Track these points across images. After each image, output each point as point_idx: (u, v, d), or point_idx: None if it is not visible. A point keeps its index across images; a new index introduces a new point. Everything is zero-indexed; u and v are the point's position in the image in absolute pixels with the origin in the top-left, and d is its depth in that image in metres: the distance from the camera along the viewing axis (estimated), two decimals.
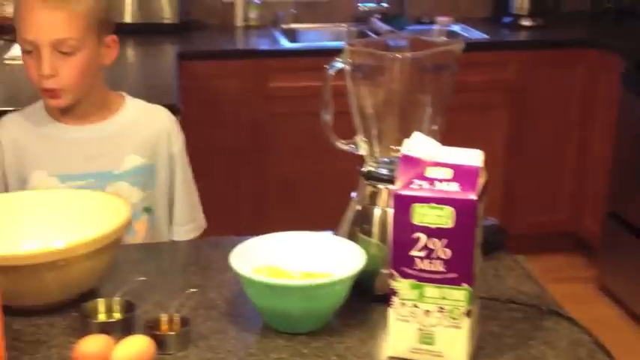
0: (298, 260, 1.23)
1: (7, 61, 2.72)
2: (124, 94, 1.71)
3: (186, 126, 1.83)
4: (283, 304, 1.12)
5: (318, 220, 2.78)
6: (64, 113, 1.62)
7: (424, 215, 1.03)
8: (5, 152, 1.63)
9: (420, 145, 1.11)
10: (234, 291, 1.27)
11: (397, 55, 1.22)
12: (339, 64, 1.27)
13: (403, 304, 1.06)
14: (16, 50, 2.80)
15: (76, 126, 1.63)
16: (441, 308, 1.04)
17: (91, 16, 1.54)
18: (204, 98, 3.02)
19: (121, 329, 1.12)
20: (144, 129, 1.67)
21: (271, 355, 1.10)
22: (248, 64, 3.07)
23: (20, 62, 2.62)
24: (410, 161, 1.08)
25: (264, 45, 3.26)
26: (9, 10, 3.00)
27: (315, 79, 2.99)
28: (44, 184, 1.59)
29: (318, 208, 3.12)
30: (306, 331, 1.15)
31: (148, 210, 1.66)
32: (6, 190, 1.63)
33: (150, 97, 2.46)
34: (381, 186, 1.25)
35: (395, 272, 1.06)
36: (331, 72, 1.29)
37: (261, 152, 3.12)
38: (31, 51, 1.53)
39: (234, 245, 1.48)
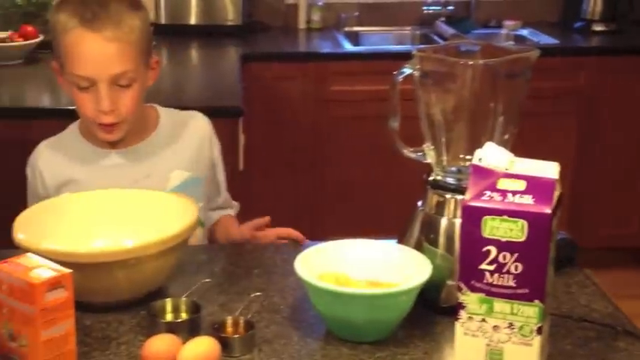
0: (363, 268, 1.22)
1: None
2: (155, 106, 1.64)
3: (247, 127, 1.84)
4: (348, 312, 1.12)
5: (375, 225, 2.78)
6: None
7: (495, 228, 1.01)
8: (46, 181, 1.57)
9: (491, 155, 1.09)
10: (297, 296, 1.28)
11: (469, 61, 1.21)
12: (407, 70, 1.26)
13: (471, 318, 1.05)
14: None
15: (117, 150, 1.57)
16: (511, 324, 1.03)
17: (141, 43, 1.48)
18: (266, 100, 3.04)
19: (188, 329, 1.14)
20: (183, 141, 1.61)
21: None
22: (310, 66, 3.08)
23: None
24: (481, 172, 1.06)
25: (326, 48, 3.26)
26: None
27: (377, 83, 3.02)
28: None
29: (375, 213, 3.12)
30: (370, 340, 1.14)
31: (201, 223, 1.57)
32: None
33: (213, 98, 2.52)
34: (448, 195, 1.24)
35: (463, 285, 1.04)
36: (399, 78, 1.28)
37: (320, 155, 3.13)
38: (85, 87, 1.46)
39: (296, 250, 1.49)
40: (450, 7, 3.56)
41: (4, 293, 1.08)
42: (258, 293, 1.26)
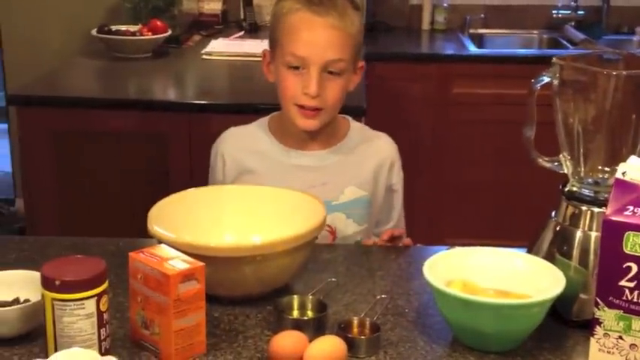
0: (491, 277, 1.20)
1: (204, 56, 2.86)
2: (348, 118, 1.67)
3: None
4: (477, 321, 1.10)
5: (493, 232, 2.72)
6: (293, 134, 1.58)
7: (638, 245, 0.97)
8: (227, 168, 1.61)
9: (636, 169, 1.04)
10: (423, 300, 1.27)
11: (613, 72, 1.16)
12: (546, 78, 1.23)
13: (607, 334, 1.01)
14: (212, 46, 2.95)
15: (299, 151, 1.59)
16: None
17: (357, 39, 1.52)
18: (387, 100, 3.03)
19: (314, 327, 1.15)
20: (366, 161, 1.61)
21: None
22: (432, 68, 3.05)
23: (216, 58, 2.83)
24: (624, 186, 1.02)
25: (450, 49, 3.23)
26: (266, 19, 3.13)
27: (501, 87, 2.97)
28: None
29: (494, 220, 3.06)
30: (498, 350, 1.12)
31: (359, 245, 1.57)
32: None
33: None
34: (584, 207, 1.20)
35: (600, 301, 1.01)
36: (537, 86, 1.24)
37: (439, 158, 3.09)
38: (296, 67, 1.50)
39: (421, 253, 1.48)
40: (581, 12, 3.44)
41: (139, 282, 1.12)
42: (383, 296, 1.26)
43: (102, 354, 1.05)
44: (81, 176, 2.34)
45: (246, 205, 1.42)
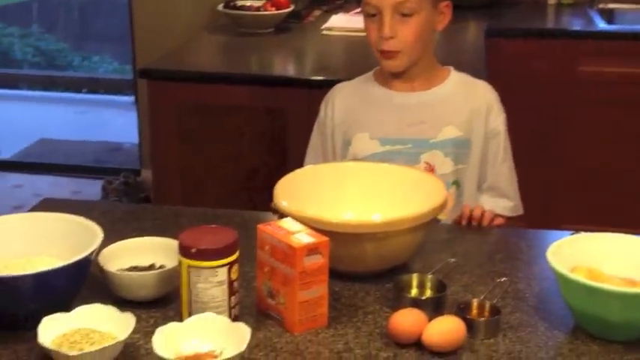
0: (617, 264, 1.17)
1: (324, 32, 2.88)
2: (451, 68, 1.75)
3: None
4: (602, 309, 1.08)
5: (616, 219, 2.62)
6: (393, 78, 1.69)
7: None
8: (335, 114, 1.73)
9: None
10: (544, 286, 1.25)
11: None
12: None
13: None
14: (332, 21, 2.97)
15: (402, 93, 1.69)
16: None
17: None
18: (508, 78, 2.95)
19: (432, 307, 1.17)
20: (464, 102, 1.69)
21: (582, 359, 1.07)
22: (558, 44, 2.94)
23: (337, 33, 2.84)
24: None
25: (577, 25, 3.10)
26: None
27: (631, 65, 2.83)
28: (365, 146, 1.68)
29: (618, 206, 2.94)
30: (622, 339, 1.10)
31: (456, 183, 1.67)
32: (333, 149, 1.73)
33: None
34: None
35: None
36: None
37: (561, 139, 2.99)
38: (373, 14, 1.62)
39: (541, 237, 1.46)
40: None
41: (266, 253, 1.17)
42: (504, 279, 1.25)
43: (232, 320, 1.11)
44: (203, 148, 2.42)
45: (367, 182, 1.44)
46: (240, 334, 1.05)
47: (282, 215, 1.25)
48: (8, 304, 1.11)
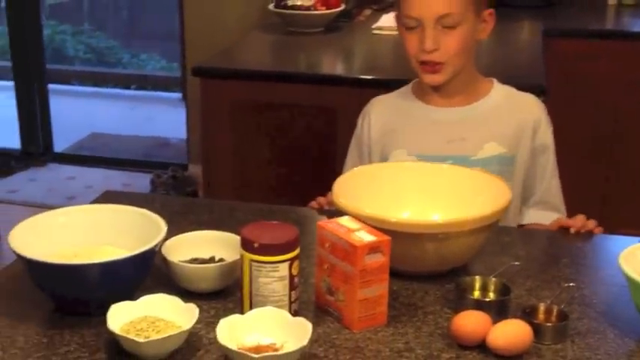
0: None
1: (374, 31, 2.85)
2: (494, 80, 1.67)
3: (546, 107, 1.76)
4: None
5: None
6: (432, 92, 1.62)
7: None
8: (372, 129, 1.68)
9: None
10: (612, 291, 1.21)
11: None
12: None
13: None
14: (383, 21, 2.93)
15: (441, 108, 1.62)
16: None
17: None
18: (567, 79, 2.89)
19: (496, 310, 1.13)
20: (508, 117, 1.61)
21: None
22: (618, 45, 2.87)
23: (387, 33, 2.81)
24: None
25: (637, 26, 3.03)
26: None
27: None
28: None
29: None
30: None
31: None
32: (370, 163, 1.66)
33: (514, 75, 2.42)
34: None
35: None
36: None
37: (620, 142, 2.92)
38: (413, 27, 1.55)
39: (608, 242, 1.42)
40: None
41: (326, 250, 1.15)
42: (571, 284, 1.21)
43: (292, 315, 1.09)
44: (254, 145, 2.42)
45: (426, 183, 1.42)
46: (302, 329, 1.03)
47: (331, 214, 1.23)
48: (77, 291, 1.13)
